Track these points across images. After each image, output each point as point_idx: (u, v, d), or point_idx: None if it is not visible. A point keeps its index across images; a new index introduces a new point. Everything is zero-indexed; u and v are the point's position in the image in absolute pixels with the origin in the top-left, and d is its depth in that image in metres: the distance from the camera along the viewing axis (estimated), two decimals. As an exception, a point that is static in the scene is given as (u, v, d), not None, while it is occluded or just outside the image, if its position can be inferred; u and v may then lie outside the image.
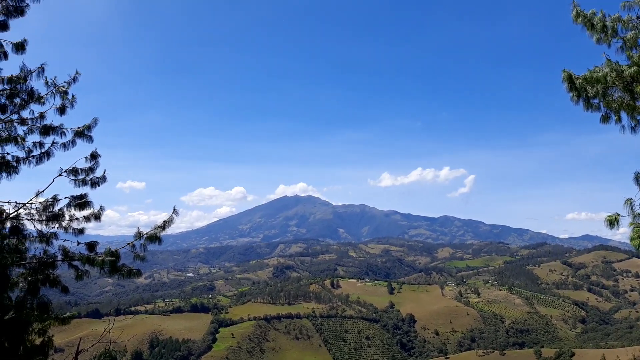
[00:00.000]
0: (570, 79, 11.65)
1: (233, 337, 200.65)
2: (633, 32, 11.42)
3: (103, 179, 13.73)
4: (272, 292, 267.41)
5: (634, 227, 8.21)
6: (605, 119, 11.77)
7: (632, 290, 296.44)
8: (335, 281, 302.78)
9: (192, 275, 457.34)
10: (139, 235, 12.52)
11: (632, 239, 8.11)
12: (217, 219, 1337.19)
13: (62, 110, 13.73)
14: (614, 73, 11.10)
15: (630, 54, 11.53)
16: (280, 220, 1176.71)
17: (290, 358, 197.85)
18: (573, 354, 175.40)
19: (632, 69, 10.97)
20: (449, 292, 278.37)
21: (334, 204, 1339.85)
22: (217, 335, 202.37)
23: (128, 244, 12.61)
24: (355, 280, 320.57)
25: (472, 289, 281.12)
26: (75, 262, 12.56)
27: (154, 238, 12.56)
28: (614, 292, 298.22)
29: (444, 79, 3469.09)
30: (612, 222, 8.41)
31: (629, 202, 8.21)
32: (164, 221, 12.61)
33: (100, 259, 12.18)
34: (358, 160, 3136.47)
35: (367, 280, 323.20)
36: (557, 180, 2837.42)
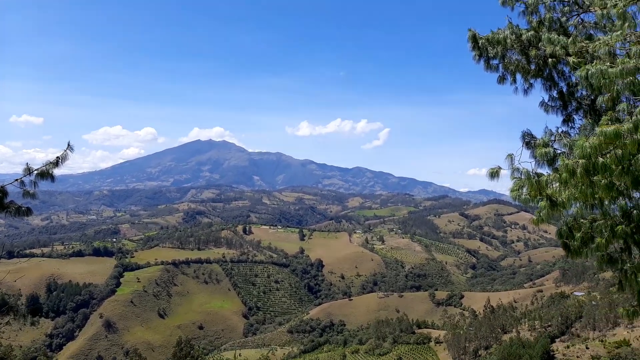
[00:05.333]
0: (474, 39, 12.13)
1: (139, 281, 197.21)
2: (535, -2, 12.04)
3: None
4: (182, 237, 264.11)
5: (515, 181, 8.98)
6: (501, 80, 12.47)
7: (517, 241, 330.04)
8: (247, 227, 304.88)
9: (94, 218, 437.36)
10: (28, 170, 11.60)
11: (512, 190, 8.90)
12: (123, 160, 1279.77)
13: None
14: (514, 36, 11.73)
15: (530, 19, 12.20)
16: (192, 165, 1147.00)
17: (198, 301, 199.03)
18: (462, 297, 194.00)
19: (529, 33, 11.65)
20: (356, 239, 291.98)
21: (249, 150, 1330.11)
22: (121, 280, 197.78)
23: (16, 180, 11.66)
24: (267, 227, 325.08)
25: (378, 237, 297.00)
26: (-46, 199, 11.45)
27: (45, 174, 11.69)
28: (502, 242, 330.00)
29: (369, 29, 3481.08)
30: (493, 174, 9.15)
31: (510, 157, 8.94)
32: (57, 157, 11.74)
33: (-17, 195, 11.19)
34: (278, 107, 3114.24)
35: (280, 227, 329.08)
36: (464, 137, 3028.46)
